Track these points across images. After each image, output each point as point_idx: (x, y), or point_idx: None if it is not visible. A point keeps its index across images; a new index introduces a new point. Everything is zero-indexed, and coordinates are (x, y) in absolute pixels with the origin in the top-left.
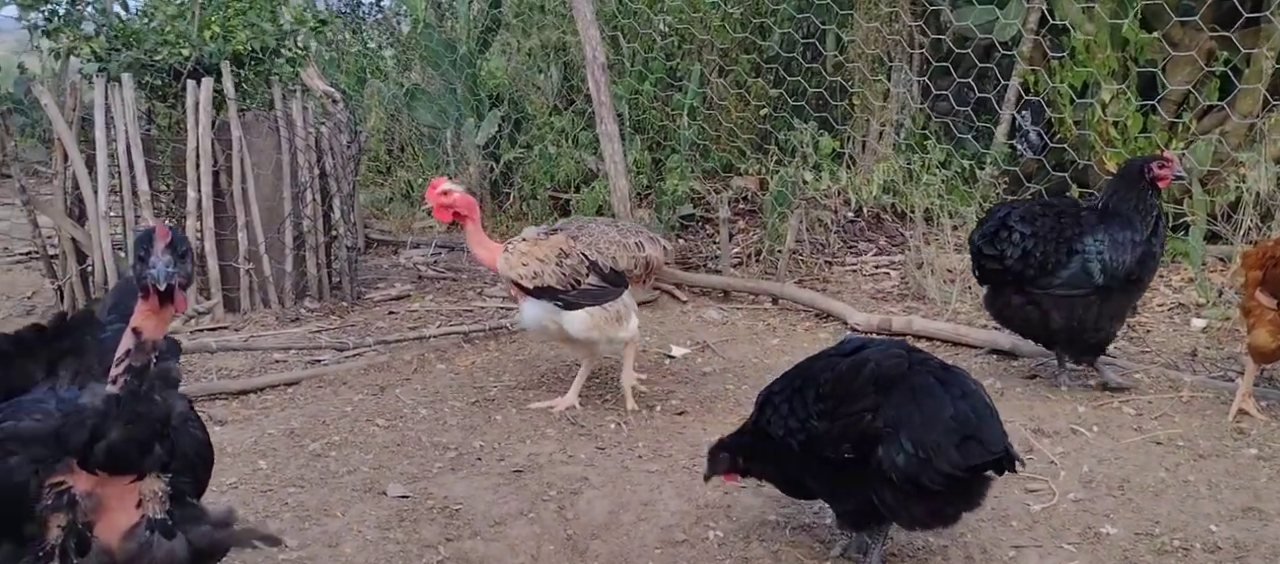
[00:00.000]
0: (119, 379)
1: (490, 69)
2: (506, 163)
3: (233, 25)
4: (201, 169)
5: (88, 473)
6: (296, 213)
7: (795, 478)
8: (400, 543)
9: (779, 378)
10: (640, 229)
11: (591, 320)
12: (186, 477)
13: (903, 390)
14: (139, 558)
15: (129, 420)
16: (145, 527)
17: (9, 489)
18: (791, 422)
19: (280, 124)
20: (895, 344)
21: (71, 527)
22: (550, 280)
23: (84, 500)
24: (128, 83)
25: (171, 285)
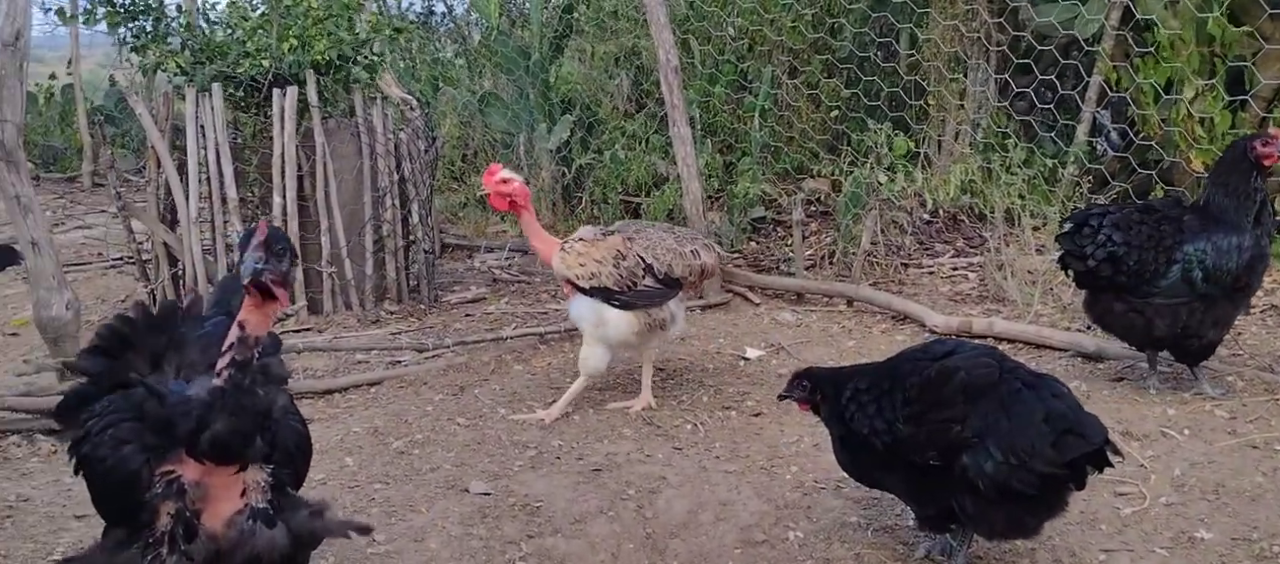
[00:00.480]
0: (223, 372)
1: (563, 74)
2: (578, 167)
3: (311, 35)
4: (286, 175)
5: (195, 462)
6: (377, 218)
7: (871, 473)
8: (483, 539)
9: (866, 373)
10: (696, 236)
11: (637, 323)
12: (287, 468)
13: (991, 399)
14: (242, 545)
15: (232, 412)
16: (248, 515)
17: (123, 476)
18: (877, 422)
19: (361, 131)
20: (985, 351)
21: (180, 514)
22: (607, 281)
23: (192, 489)
24: (217, 93)
25: (263, 281)
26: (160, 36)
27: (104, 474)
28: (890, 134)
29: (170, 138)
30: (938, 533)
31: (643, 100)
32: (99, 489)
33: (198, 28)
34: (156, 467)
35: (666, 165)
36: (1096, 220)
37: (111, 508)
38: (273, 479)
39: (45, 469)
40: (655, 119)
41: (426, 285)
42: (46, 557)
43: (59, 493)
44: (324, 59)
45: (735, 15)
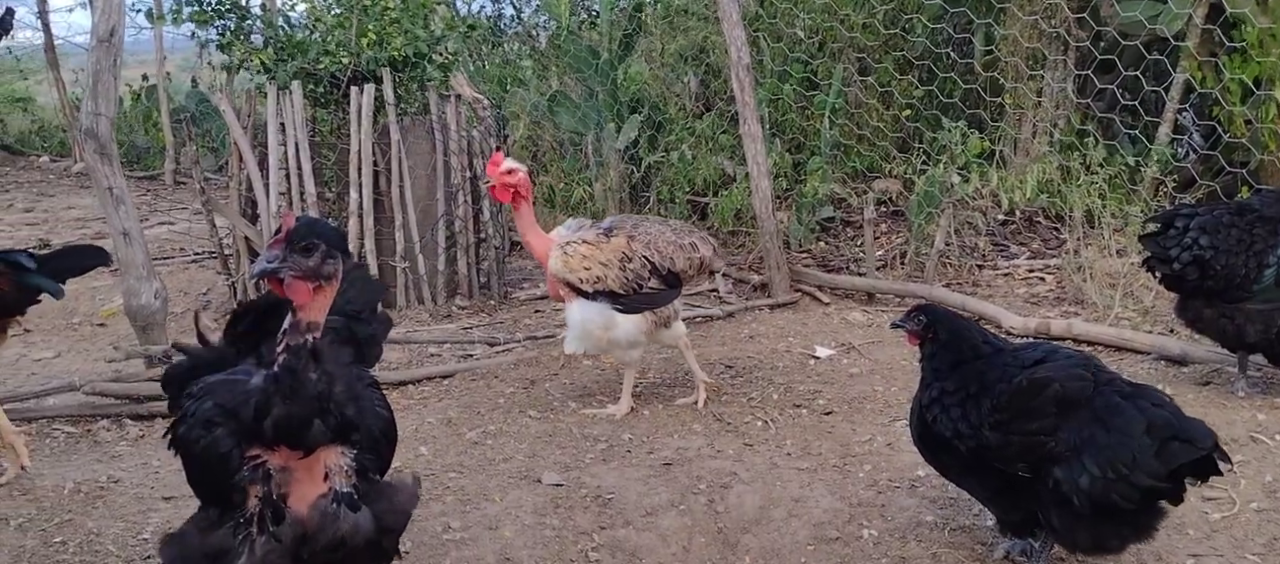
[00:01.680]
0: (278, 358)
1: (631, 74)
2: (646, 167)
3: (388, 33)
4: (363, 172)
5: (261, 444)
6: (449, 214)
7: (952, 471)
8: (556, 529)
9: (952, 375)
10: (692, 229)
11: (644, 325)
12: (371, 454)
13: (1085, 412)
14: (326, 528)
15: (288, 396)
16: (332, 499)
17: (214, 459)
18: (963, 426)
19: (435, 128)
20: (1079, 359)
21: (267, 497)
22: (613, 285)
23: (277, 474)
24: (296, 90)
25: (273, 277)
26: (244, 34)
27: (197, 456)
28: (965, 132)
29: (251, 135)
30: (1020, 538)
31: (710, 99)
32: (193, 470)
33: (279, 26)
34: (245, 451)
35: (733, 165)
36: (1183, 221)
37: (204, 488)
38: (356, 465)
39: (133, 452)
40: (723, 118)
41: (496, 281)
42: (136, 536)
43: (147, 475)
44: (400, 56)
45: (806, 13)
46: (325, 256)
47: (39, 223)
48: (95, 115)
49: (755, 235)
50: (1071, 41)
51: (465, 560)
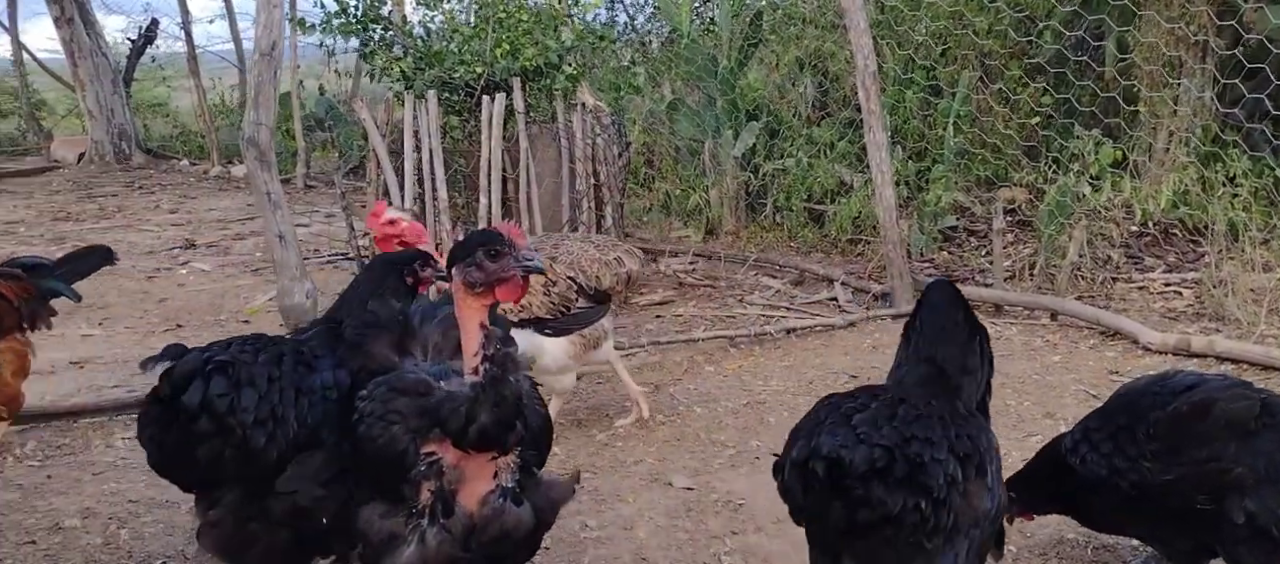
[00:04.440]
0: (479, 368)
1: (750, 82)
2: (763, 174)
3: (521, 43)
4: (492, 178)
5: (458, 450)
6: (574, 219)
7: (1110, 517)
8: (688, 532)
9: (1092, 413)
10: (615, 243)
11: (572, 349)
12: (532, 450)
13: (1271, 436)
14: (493, 522)
15: (494, 404)
16: (499, 494)
17: (392, 454)
18: (1118, 461)
19: (562, 135)
20: (1232, 381)
21: (439, 491)
22: (539, 311)
23: (449, 471)
24: (432, 98)
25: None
26: (386, 44)
27: (375, 452)
28: (1098, 141)
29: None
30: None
31: (826, 106)
32: (370, 464)
33: (418, 36)
34: (420, 447)
35: (850, 172)
36: None
37: (380, 481)
38: (519, 460)
39: None
40: (840, 125)
41: None
42: None
43: None
44: (531, 66)
45: (930, 19)
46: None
47: (184, 223)
48: (257, 125)
49: (875, 244)
50: (1212, 48)
51: (603, 559)
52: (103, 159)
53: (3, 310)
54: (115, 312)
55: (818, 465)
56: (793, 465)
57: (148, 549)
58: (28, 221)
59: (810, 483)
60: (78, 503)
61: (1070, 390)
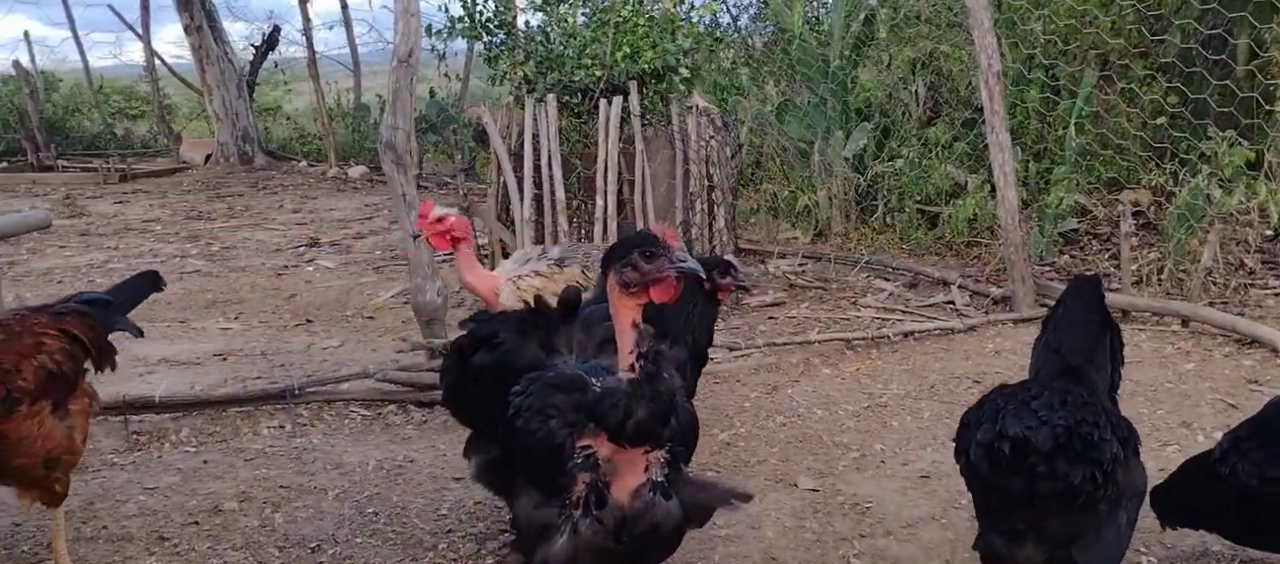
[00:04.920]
0: (635, 365)
1: (861, 81)
2: (874, 176)
3: (640, 46)
4: (608, 180)
5: (615, 444)
6: (687, 221)
7: (1260, 531)
8: (815, 533)
9: (1242, 423)
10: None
11: None
12: (680, 445)
13: None
14: (644, 515)
15: (651, 400)
16: (649, 488)
17: (549, 447)
18: (1270, 471)
19: (676, 138)
20: None
21: (593, 484)
22: None
23: (603, 464)
24: (551, 102)
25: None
26: (509, 49)
27: (533, 445)
28: (1232, 142)
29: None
30: None
31: (938, 106)
32: (526, 457)
33: (539, 41)
34: (576, 441)
35: (965, 173)
36: None
37: (536, 473)
38: (669, 455)
39: (420, 436)
40: (955, 125)
41: None
42: (435, 511)
43: (436, 457)
44: (649, 69)
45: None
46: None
47: (307, 222)
48: (393, 129)
49: (991, 246)
50: None
51: (733, 557)
52: (228, 160)
53: (77, 355)
54: (249, 307)
55: (1005, 445)
56: (978, 446)
57: (301, 532)
58: (163, 220)
59: (997, 461)
60: (234, 487)
61: (1207, 399)
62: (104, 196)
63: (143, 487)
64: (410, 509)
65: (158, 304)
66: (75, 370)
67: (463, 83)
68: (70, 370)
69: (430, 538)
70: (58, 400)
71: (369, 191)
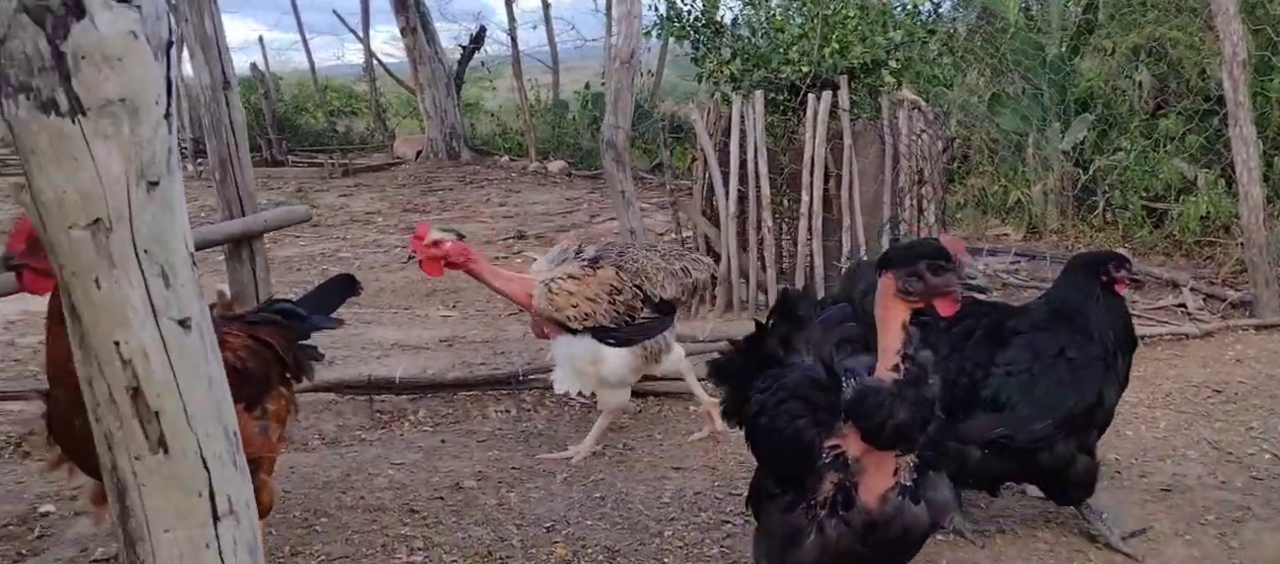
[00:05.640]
0: (900, 367)
1: (1082, 70)
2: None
3: (849, 40)
4: (815, 176)
5: (858, 440)
6: (895, 217)
7: None
8: (1048, 543)
9: None
10: (683, 252)
11: (634, 361)
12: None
13: None
14: (892, 520)
15: (913, 403)
16: (898, 492)
17: (798, 447)
18: None
19: (886, 132)
20: None
21: (841, 484)
22: (603, 319)
23: (852, 464)
24: (758, 98)
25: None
26: (715, 47)
27: (781, 444)
28: None
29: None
30: None
31: (1165, 96)
32: (772, 455)
33: (745, 37)
34: (825, 440)
35: (1195, 168)
36: None
37: (782, 471)
38: (919, 459)
39: (636, 424)
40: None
41: None
42: (658, 498)
43: (654, 446)
44: (859, 63)
45: None
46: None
47: (513, 216)
48: (614, 128)
49: (1227, 246)
50: None
51: (960, 562)
52: (437, 156)
53: (263, 356)
54: (465, 296)
55: None
56: None
57: (535, 512)
58: (383, 212)
59: None
60: (471, 466)
61: None
62: (330, 190)
63: (390, 462)
64: (634, 495)
65: (383, 292)
66: (264, 371)
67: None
68: (257, 369)
69: (655, 524)
70: (250, 400)
71: (568, 186)
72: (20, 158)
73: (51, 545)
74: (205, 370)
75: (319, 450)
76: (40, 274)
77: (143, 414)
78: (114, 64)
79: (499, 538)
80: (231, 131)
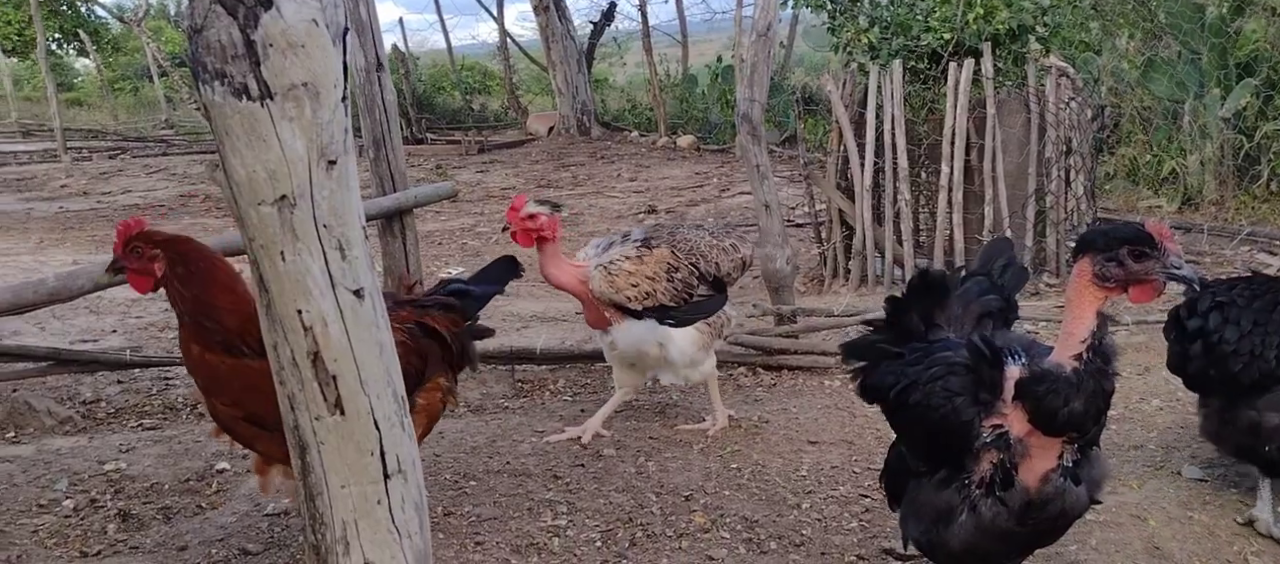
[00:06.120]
0: (1083, 354)
1: (1244, 33)
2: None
3: (994, 5)
4: (955, 147)
5: (1022, 422)
6: (1041, 188)
7: None
8: (1205, 526)
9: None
10: (727, 230)
11: (701, 338)
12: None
13: None
14: (1052, 501)
15: (1092, 393)
16: (1060, 473)
17: (955, 425)
18: None
19: (1032, 101)
20: None
21: (1001, 464)
22: (663, 298)
23: (1015, 444)
24: (896, 68)
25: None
26: (852, 16)
27: (937, 421)
28: None
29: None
30: None
31: None
32: (926, 433)
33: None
34: (986, 419)
35: None
36: None
37: (934, 449)
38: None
39: (770, 398)
40: None
41: None
42: (795, 471)
43: (788, 420)
44: (1005, 29)
45: None
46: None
47: (643, 190)
48: (750, 102)
49: None
50: None
51: (1111, 543)
52: (568, 132)
53: (424, 354)
54: None
55: None
56: None
57: (673, 481)
58: (519, 187)
59: None
60: (609, 435)
61: None
62: (467, 167)
63: (532, 429)
64: (770, 467)
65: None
66: (418, 366)
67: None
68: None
69: (793, 497)
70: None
71: (697, 161)
72: (215, 139)
73: (227, 499)
74: (376, 337)
75: (465, 417)
76: (140, 274)
77: (321, 377)
78: (298, 50)
79: (638, 505)
80: (384, 111)
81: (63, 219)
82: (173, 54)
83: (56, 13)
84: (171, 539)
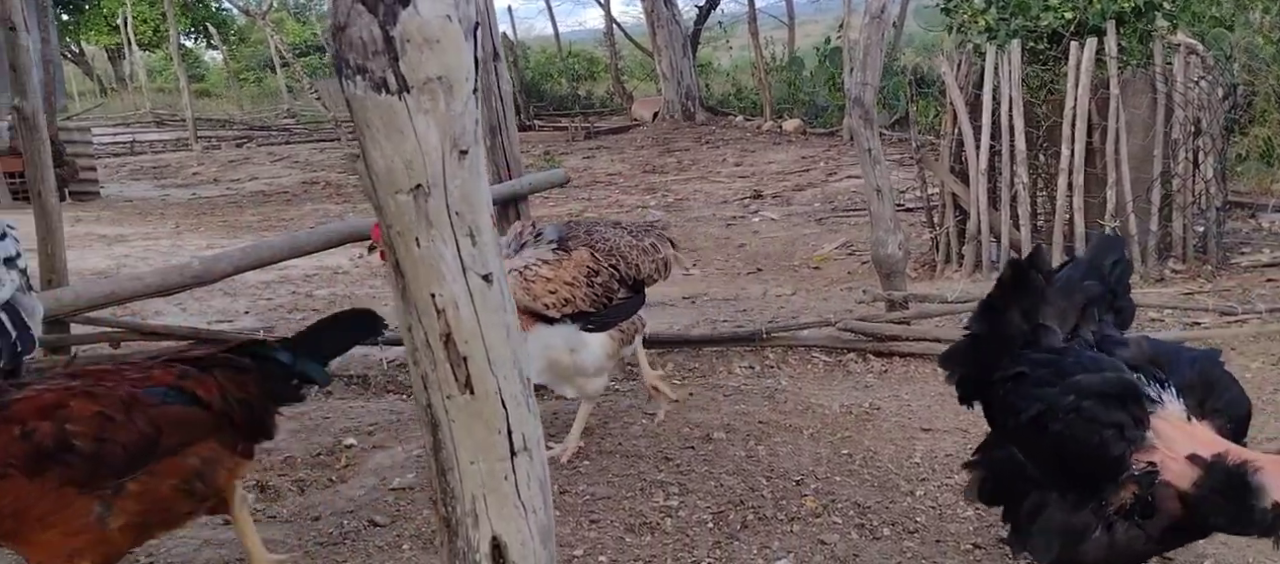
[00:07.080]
0: None
1: None
2: None
3: None
4: (1077, 129)
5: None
6: (1168, 171)
7: None
8: None
9: None
10: (648, 227)
11: (611, 345)
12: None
13: None
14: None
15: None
16: None
17: (1101, 459)
18: None
19: (1158, 81)
20: None
21: (1143, 497)
22: (582, 303)
23: (1163, 481)
24: (1014, 49)
25: None
26: None
27: (1080, 452)
28: None
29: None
30: None
31: None
32: (1066, 459)
33: None
34: (1135, 452)
35: None
36: None
37: (1071, 474)
38: None
39: (881, 384)
40: None
41: (1214, 244)
42: (908, 459)
43: (900, 407)
44: (1129, 7)
45: None
46: None
47: (749, 175)
48: (862, 85)
49: None
50: None
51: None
52: (673, 118)
53: (192, 419)
54: (705, 255)
55: None
56: None
57: (783, 466)
58: (624, 173)
59: None
60: (718, 419)
61: None
62: (573, 152)
63: (643, 412)
64: (882, 454)
65: None
66: (136, 442)
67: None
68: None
69: (906, 484)
70: (86, 477)
71: (803, 144)
72: (356, 131)
73: (355, 474)
74: (504, 320)
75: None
76: None
77: (453, 358)
78: (433, 45)
79: (749, 488)
80: (500, 100)
81: (196, 205)
82: (294, 45)
83: (188, 7)
84: (305, 510)
